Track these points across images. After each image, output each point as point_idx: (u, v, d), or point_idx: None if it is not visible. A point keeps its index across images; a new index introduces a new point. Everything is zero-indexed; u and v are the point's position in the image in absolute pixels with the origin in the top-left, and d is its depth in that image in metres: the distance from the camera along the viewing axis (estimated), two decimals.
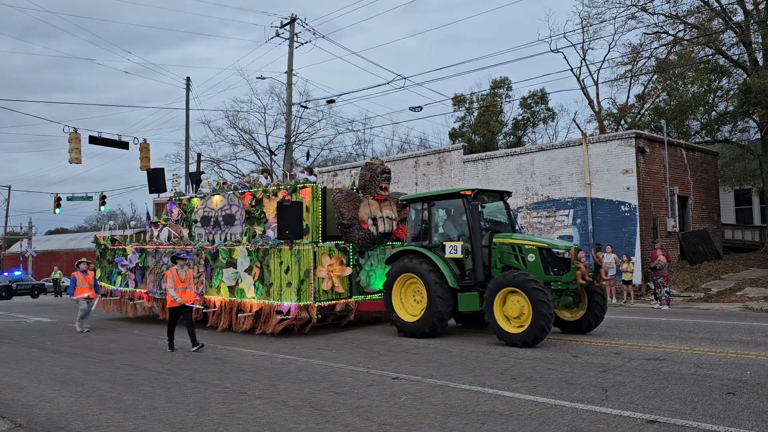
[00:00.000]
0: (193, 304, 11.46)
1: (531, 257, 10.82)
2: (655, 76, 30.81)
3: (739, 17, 25.39)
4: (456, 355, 9.79)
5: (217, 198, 15.33)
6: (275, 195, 13.81)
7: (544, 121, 41.04)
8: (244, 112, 56.39)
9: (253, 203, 14.31)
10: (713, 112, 28.82)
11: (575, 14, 60.81)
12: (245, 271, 13.35)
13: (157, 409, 6.92)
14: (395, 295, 12.10)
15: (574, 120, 55.05)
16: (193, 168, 33.06)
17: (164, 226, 16.42)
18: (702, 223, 24.03)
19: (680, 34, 27.89)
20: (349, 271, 13.23)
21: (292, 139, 32.70)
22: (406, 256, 12.05)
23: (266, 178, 15.78)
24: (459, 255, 11.39)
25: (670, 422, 5.75)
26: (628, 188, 20.01)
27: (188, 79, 34.67)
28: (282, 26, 29.73)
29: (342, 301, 13.07)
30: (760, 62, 24.52)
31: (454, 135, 41.04)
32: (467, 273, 11.46)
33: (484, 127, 38.81)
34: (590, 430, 5.62)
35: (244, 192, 14.61)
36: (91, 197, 33.31)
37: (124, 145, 24.42)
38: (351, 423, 6.11)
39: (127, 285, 16.79)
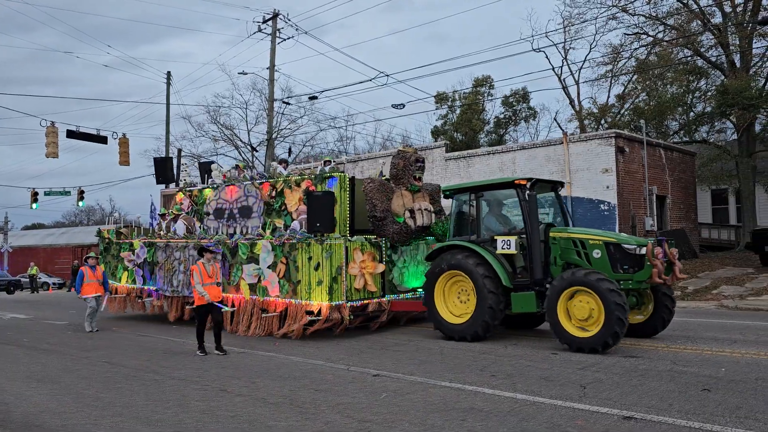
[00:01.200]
0: (221, 303, 10.46)
1: (596, 253, 9.86)
2: (635, 77, 31.19)
3: (718, 19, 25.78)
4: (436, 352, 9.82)
5: (232, 189, 14.43)
6: (298, 185, 12.99)
7: (525, 120, 41.38)
8: (225, 108, 55.97)
9: (273, 194, 13.47)
10: (691, 113, 29.26)
11: (557, 14, 61.52)
12: (268, 267, 12.29)
13: (135, 406, 6.86)
14: (438, 295, 11.06)
15: (555, 119, 55.63)
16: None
17: (177, 216, 15.40)
18: (679, 222, 24.39)
19: (660, 35, 28.26)
20: (382, 267, 12.22)
21: (273, 135, 32.54)
22: (449, 252, 11.06)
23: (285, 168, 14.87)
24: (513, 251, 10.30)
25: (647, 418, 5.84)
26: (607, 187, 20.25)
27: (169, 73, 34.39)
28: (264, 22, 29.59)
29: (374, 300, 12.07)
30: (738, 64, 24.92)
31: (436, 133, 41.17)
32: (518, 271, 10.52)
33: (466, 125, 39.00)
34: (568, 427, 5.68)
35: (263, 182, 13.78)
36: (69, 192, 32.82)
37: (103, 140, 24.16)
38: (331, 420, 6.11)
39: (134, 281, 15.71)
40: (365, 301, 11.90)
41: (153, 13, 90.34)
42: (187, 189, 15.92)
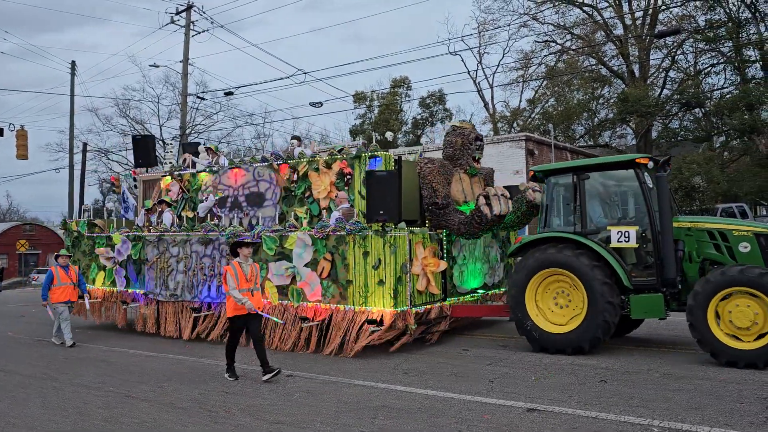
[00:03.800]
0: (262, 311, 8.36)
1: (744, 247, 8.32)
2: (545, 83, 32.62)
3: (619, 31, 27.39)
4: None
5: (237, 172, 12.13)
6: (329, 167, 10.90)
7: (441, 121, 42.32)
8: (135, 101, 53.64)
9: (294, 178, 11.30)
10: (595, 118, 30.96)
11: (473, 19, 63.01)
12: (306, 265, 10.12)
13: (30, 416, 6.48)
14: (529, 298, 9.26)
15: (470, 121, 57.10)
16: (78, 158, 31.18)
17: (211, 201, 12.38)
18: None
19: (567, 44, 29.69)
20: (444, 265, 10.30)
21: (187, 131, 31.56)
22: (548, 246, 9.20)
23: (300, 145, 12.52)
24: (633, 244, 8.66)
25: (549, 410, 6.13)
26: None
27: (73, 63, 32.62)
28: (178, 13, 28.63)
29: (436, 305, 10.11)
30: (637, 74, 26.59)
31: (354, 132, 41.35)
32: (630, 268, 8.87)
33: (384, 125, 39.41)
34: (476, 421, 5.87)
35: (280, 164, 11.54)
36: None
37: None
38: (242, 423, 6.01)
39: (113, 284, 13.09)
40: (428, 306, 9.93)
41: (58, 2, 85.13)
42: (177, 173, 13.28)
